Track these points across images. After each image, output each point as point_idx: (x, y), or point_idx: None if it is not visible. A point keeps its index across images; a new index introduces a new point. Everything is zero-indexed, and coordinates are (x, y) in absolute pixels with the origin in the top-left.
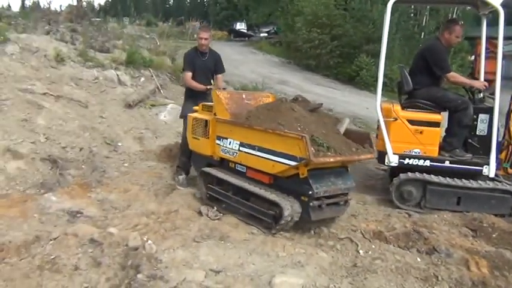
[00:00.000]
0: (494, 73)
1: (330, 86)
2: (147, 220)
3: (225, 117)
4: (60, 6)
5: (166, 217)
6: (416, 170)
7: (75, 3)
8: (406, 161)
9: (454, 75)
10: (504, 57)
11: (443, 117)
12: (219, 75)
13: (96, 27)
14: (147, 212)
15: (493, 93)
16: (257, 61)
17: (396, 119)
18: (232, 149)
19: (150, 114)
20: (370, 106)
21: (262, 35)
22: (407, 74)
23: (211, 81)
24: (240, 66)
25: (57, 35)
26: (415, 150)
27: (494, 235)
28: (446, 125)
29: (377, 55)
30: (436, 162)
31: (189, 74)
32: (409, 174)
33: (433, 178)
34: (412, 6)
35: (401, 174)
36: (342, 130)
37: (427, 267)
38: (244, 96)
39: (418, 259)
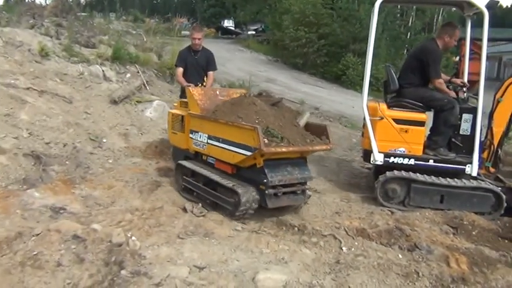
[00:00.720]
0: (478, 74)
1: (317, 84)
2: (131, 216)
3: (196, 112)
4: (45, 0)
5: (150, 214)
6: (401, 168)
7: None
8: (391, 159)
9: (442, 82)
10: (487, 58)
11: (428, 117)
12: (210, 73)
13: (81, 22)
14: (131, 209)
15: (476, 94)
16: (244, 59)
17: (382, 118)
18: (202, 141)
19: (135, 110)
20: (356, 105)
21: (249, 32)
22: (393, 73)
23: (204, 78)
24: (227, 64)
25: (42, 29)
26: (400, 148)
27: (474, 232)
28: (431, 125)
29: (363, 54)
30: (420, 161)
31: (180, 70)
32: (395, 172)
33: (418, 177)
34: (399, 7)
35: (387, 172)
36: (302, 123)
37: (408, 263)
38: (218, 92)
39: (400, 256)
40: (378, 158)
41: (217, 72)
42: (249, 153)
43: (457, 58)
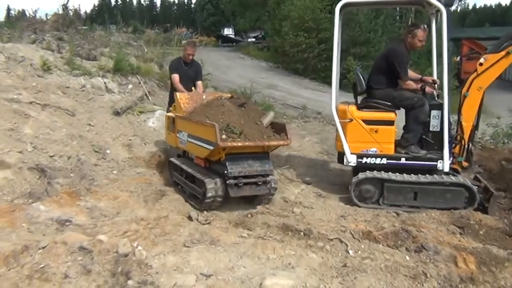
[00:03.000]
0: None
1: (318, 89)
2: (136, 226)
3: (181, 114)
4: (46, 14)
5: (156, 223)
6: (374, 168)
7: (61, 11)
8: (364, 160)
9: (409, 83)
10: None
11: (397, 116)
12: (199, 82)
13: (82, 35)
14: (136, 219)
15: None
16: (245, 66)
17: (352, 120)
18: (184, 140)
19: (138, 121)
20: None
21: (249, 40)
22: (360, 75)
23: (192, 88)
24: (228, 72)
25: (43, 43)
26: (372, 149)
27: (481, 232)
28: (400, 123)
29: (364, 58)
30: (392, 159)
31: (177, 76)
32: (367, 172)
33: (390, 176)
34: (398, 9)
35: (359, 173)
36: (265, 122)
37: (415, 265)
38: (204, 96)
39: (407, 257)
40: (351, 160)
41: (219, 80)
42: (211, 148)
43: (458, 58)
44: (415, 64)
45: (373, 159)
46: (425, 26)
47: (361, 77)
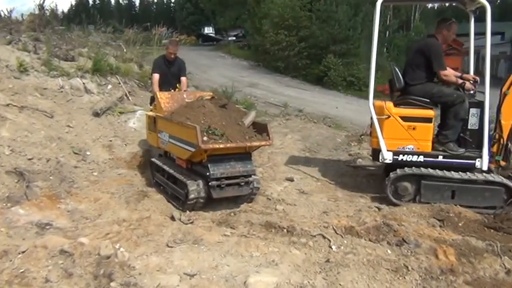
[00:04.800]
0: (457, 69)
1: (300, 87)
2: (118, 228)
3: (161, 114)
4: (22, 15)
5: (138, 224)
6: (411, 165)
7: (37, 11)
8: (400, 157)
9: (447, 74)
10: (468, 53)
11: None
12: (183, 78)
13: (59, 35)
14: (118, 220)
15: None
16: (226, 65)
17: (389, 117)
18: (165, 140)
19: (118, 121)
20: (339, 105)
21: (230, 38)
22: (398, 71)
23: (177, 85)
24: (209, 71)
25: (19, 44)
26: (409, 146)
27: (460, 224)
28: (438, 121)
29: (344, 55)
30: (429, 157)
31: (157, 76)
32: (406, 169)
33: (429, 171)
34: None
35: (397, 170)
36: (247, 122)
37: (397, 258)
38: (185, 95)
39: (389, 251)
40: (387, 157)
41: (199, 79)
42: (193, 149)
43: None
44: (394, 61)
45: (410, 156)
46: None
47: (399, 74)
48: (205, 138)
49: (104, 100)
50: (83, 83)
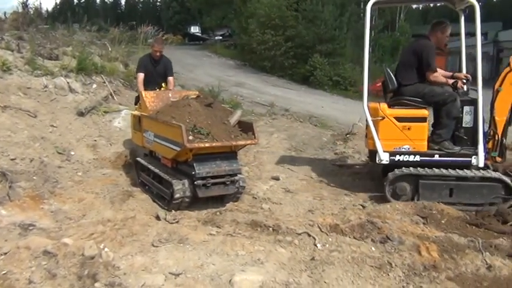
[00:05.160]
0: (440, 67)
1: (286, 86)
2: (103, 228)
3: (146, 113)
4: (5, 13)
5: (123, 224)
6: (407, 165)
7: (20, 10)
8: (397, 157)
9: (437, 75)
10: (450, 53)
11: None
12: (170, 78)
13: (44, 34)
14: (103, 220)
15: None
16: (212, 64)
17: (384, 118)
18: (150, 139)
19: (103, 121)
20: (325, 105)
21: (216, 38)
22: (391, 73)
23: (163, 84)
24: (196, 70)
25: (2, 43)
26: (405, 146)
27: (443, 221)
28: (431, 120)
29: (330, 55)
30: (426, 156)
31: (142, 75)
32: (404, 169)
33: (427, 171)
34: (361, 6)
35: (395, 170)
36: (232, 121)
37: (381, 255)
38: (170, 94)
39: (373, 248)
40: (384, 158)
41: (186, 79)
42: (178, 149)
43: None
44: (379, 61)
45: (406, 156)
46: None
47: (392, 75)
48: (190, 138)
49: (88, 99)
50: (67, 82)
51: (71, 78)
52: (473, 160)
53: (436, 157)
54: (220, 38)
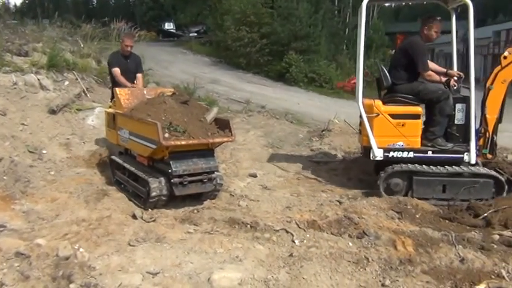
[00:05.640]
0: None
1: (261, 83)
2: (77, 228)
3: (121, 110)
4: None
5: (98, 223)
6: (401, 162)
7: None
8: (391, 154)
9: (431, 74)
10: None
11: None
12: (139, 75)
13: (12, 29)
14: (77, 220)
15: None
16: (187, 61)
17: (378, 114)
18: (125, 137)
19: (76, 119)
20: (301, 101)
21: (191, 34)
22: (385, 70)
23: (134, 81)
24: (170, 67)
25: None
26: (399, 143)
27: (417, 216)
28: (424, 117)
29: (305, 52)
30: (419, 153)
31: (118, 70)
32: (401, 165)
33: (418, 168)
34: (336, 3)
35: (391, 166)
36: (209, 118)
37: (358, 250)
38: (145, 91)
39: (350, 244)
40: (378, 154)
41: (160, 76)
42: (154, 146)
43: (393, 51)
44: (353, 58)
45: (400, 152)
46: (440, 18)
47: (386, 72)
48: (166, 135)
49: (60, 97)
50: (38, 79)
51: (42, 75)
52: (466, 157)
53: (429, 154)
54: (195, 34)
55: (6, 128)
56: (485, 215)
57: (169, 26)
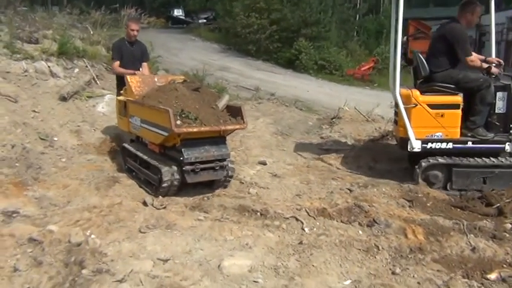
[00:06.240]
0: (423, 52)
1: (271, 70)
2: (89, 215)
3: (132, 98)
4: None
5: (109, 210)
6: (440, 153)
7: None
8: (429, 145)
9: (474, 59)
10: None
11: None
12: (145, 64)
13: (22, 16)
14: (88, 207)
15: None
16: (196, 48)
17: (416, 105)
18: (137, 125)
19: (86, 106)
20: (311, 89)
21: (200, 21)
22: (423, 59)
23: (140, 69)
24: (180, 54)
25: None
26: (437, 133)
27: (428, 204)
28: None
29: (315, 38)
30: (458, 143)
31: (117, 63)
32: (437, 158)
33: (458, 160)
34: None
35: (428, 158)
36: (220, 105)
37: (368, 238)
38: (156, 79)
39: (360, 232)
40: (416, 145)
41: (170, 63)
42: (166, 134)
43: (405, 38)
44: (364, 44)
45: (439, 144)
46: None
47: (424, 61)
48: (178, 122)
49: (70, 84)
50: (48, 67)
51: (52, 62)
52: (507, 147)
53: (469, 144)
54: (204, 21)
55: (18, 115)
56: (498, 204)
57: (178, 12)
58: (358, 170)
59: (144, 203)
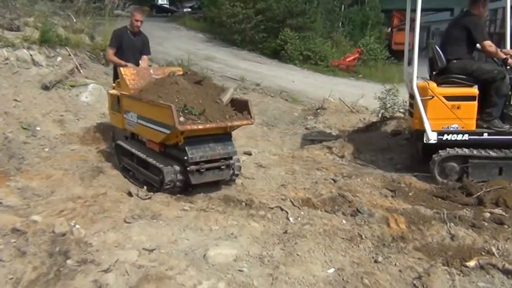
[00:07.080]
0: (403, 43)
1: (256, 60)
2: (73, 205)
3: (127, 92)
4: None
5: (94, 200)
6: (456, 145)
7: None
8: (445, 136)
9: (491, 44)
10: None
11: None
12: (145, 57)
13: (2, 3)
14: (73, 197)
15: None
16: (181, 37)
17: (433, 97)
18: (133, 121)
19: (70, 95)
20: (296, 79)
21: (185, 10)
22: (439, 51)
23: (139, 61)
24: (164, 43)
25: None
26: (453, 125)
27: (410, 194)
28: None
29: (300, 29)
30: (474, 135)
31: (112, 51)
32: (452, 150)
33: (474, 152)
34: None
35: (448, 149)
36: (225, 99)
37: (351, 228)
38: (152, 71)
39: (344, 221)
40: (432, 137)
41: (154, 52)
42: (168, 131)
43: (389, 29)
44: (349, 35)
45: (455, 135)
46: None
47: (440, 53)
48: (181, 119)
49: (53, 73)
50: (30, 55)
51: (34, 50)
52: None
53: (485, 136)
54: (189, 10)
55: None
56: (478, 194)
57: (163, 1)
58: (343, 161)
59: (129, 194)
